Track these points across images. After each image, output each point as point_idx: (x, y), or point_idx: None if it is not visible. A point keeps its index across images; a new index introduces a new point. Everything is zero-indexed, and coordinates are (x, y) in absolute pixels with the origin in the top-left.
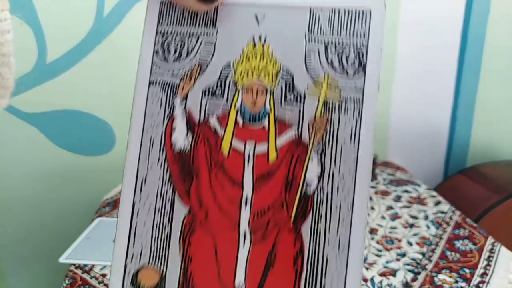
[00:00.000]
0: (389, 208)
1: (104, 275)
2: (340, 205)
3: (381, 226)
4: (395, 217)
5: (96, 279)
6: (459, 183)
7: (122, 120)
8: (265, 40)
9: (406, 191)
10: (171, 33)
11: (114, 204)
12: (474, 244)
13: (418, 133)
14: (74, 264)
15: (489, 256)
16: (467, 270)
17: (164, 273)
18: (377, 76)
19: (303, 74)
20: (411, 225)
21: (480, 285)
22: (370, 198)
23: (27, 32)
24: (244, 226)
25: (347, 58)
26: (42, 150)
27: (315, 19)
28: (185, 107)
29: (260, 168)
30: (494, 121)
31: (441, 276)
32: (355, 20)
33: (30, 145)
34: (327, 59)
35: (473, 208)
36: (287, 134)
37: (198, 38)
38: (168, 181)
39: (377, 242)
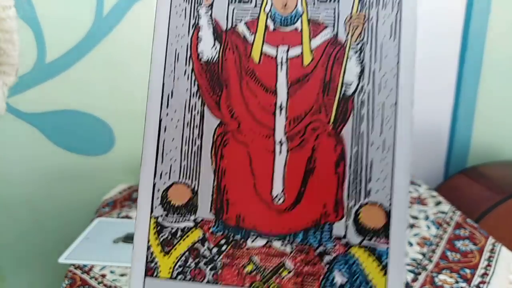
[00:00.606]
0: None
1: (103, 276)
2: (383, 105)
3: None
4: None
5: (96, 279)
6: (459, 183)
7: (121, 120)
8: None
9: None
10: None
11: (113, 204)
12: (475, 244)
13: (419, 133)
14: (73, 265)
15: (489, 257)
16: (468, 271)
17: (196, 188)
18: None
19: None
20: (412, 225)
21: (481, 285)
22: None
23: (26, 32)
24: (279, 133)
25: None
26: (41, 150)
27: None
28: (211, 16)
29: (294, 72)
30: (495, 121)
31: (441, 277)
32: None
33: (29, 144)
34: None
35: (474, 208)
36: (322, 34)
37: None
38: (197, 93)
39: None
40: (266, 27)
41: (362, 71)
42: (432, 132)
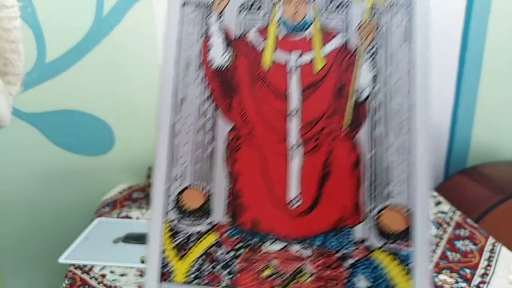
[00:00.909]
0: None
1: (103, 276)
2: (398, 109)
3: None
4: None
5: (96, 279)
6: (459, 183)
7: (121, 120)
8: None
9: None
10: None
11: (113, 204)
12: (475, 244)
13: None
14: (73, 265)
15: (489, 257)
16: (468, 271)
17: (210, 192)
18: None
19: None
20: None
21: (481, 285)
22: None
23: (26, 32)
24: (293, 138)
25: None
26: (41, 150)
27: None
28: (221, 24)
29: (306, 79)
30: (495, 121)
31: (441, 277)
32: None
33: (29, 145)
34: None
35: (474, 208)
36: (333, 42)
37: None
38: (209, 98)
39: None
40: (277, 34)
41: (375, 76)
42: (432, 132)
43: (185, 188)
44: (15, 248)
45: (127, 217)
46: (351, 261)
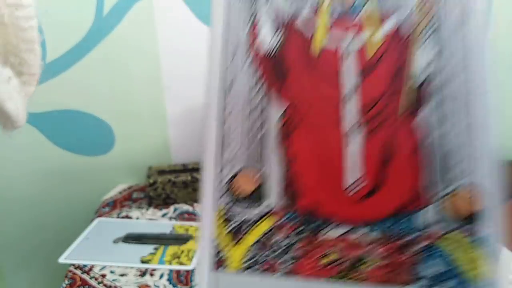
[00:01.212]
0: None
1: (103, 276)
2: (460, 89)
3: None
4: None
5: (96, 279)
6: None
7: (121, 120)
8: None
9: None
10: None
11: (113, 204)
12: None
13: None
14: (73, 264)
15: None
16: None
17: (264, 176)
18: None
19: None
20: None
21: None
22: None
23: None
24: (349, 121)
25: None
26: (41, 150)
27: None
28: (269, 8)
29: (361, 63)
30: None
31: None
32: None
33: (29, 144)
34: None
35: None
36: (388, 23)
37: None
38: (258, 83)
39: None
40: (327, 19)
41: (433, 58)
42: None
43: (238, 172)
44: (15, 248)
45: (127, 217)
46: (419, 246)
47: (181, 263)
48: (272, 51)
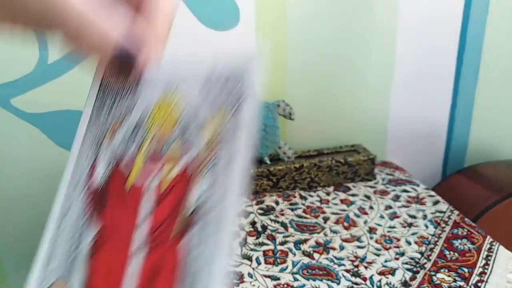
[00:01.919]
0: (388, 207)
1: None
2: (217, 217)
3: (380, 225)
4: (394, 216)
5: None
6: (457, 183)
7: None
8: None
9: (405, 191)
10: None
11: None
12: (473, 243)
13: (417, 134)
14: None
15: (487, 256)
16: (466, 269)
17: (70, 287)
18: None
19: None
20: (410, 225)
21: (479, 284)
22: (369, 198)
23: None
24: (137, 243)
25: None
26: (43, 150)
27: None
28: (108, 147)
29: (156, 195)
30: (492, 122)
31: (439, 275)
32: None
33: (31, 145)
34: None
35: (472, 208)
36: (180, 162)
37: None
38: (85, 210)
39: (376, 241)
40: (144, 157)
41: (206, 190)
42: (430, 132)
43: (54, 282)
44: (16, 246)
45: None
46: None
47: None
48: (100, 186)
